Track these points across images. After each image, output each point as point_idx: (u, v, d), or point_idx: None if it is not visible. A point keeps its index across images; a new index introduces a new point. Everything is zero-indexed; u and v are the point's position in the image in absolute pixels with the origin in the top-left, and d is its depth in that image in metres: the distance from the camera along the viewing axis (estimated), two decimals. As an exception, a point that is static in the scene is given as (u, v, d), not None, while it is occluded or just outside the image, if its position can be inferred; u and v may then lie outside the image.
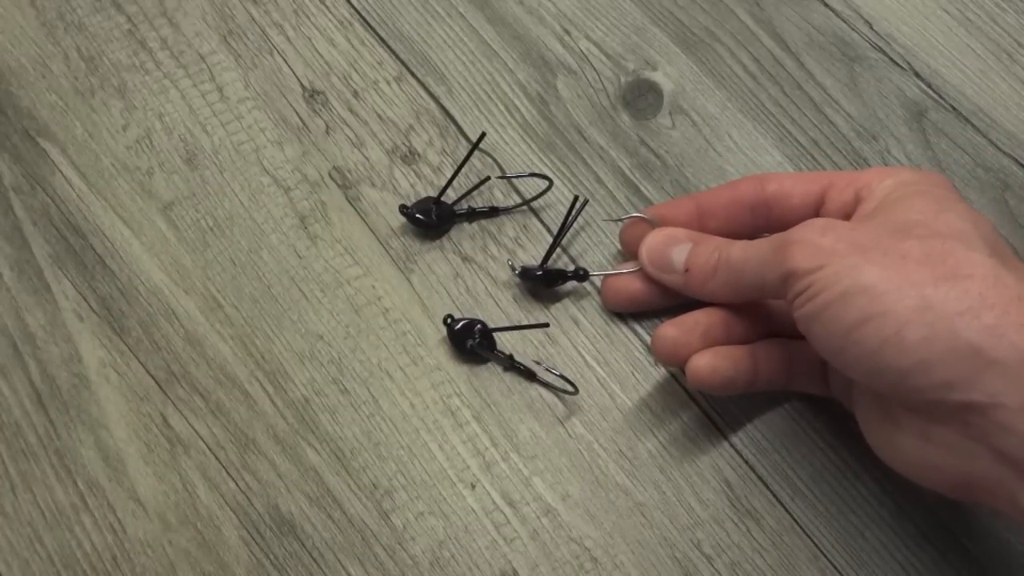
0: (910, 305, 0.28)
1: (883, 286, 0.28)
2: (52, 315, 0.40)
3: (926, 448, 0.30)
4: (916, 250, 0.29)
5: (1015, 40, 0.46)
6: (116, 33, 0.45)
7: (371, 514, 0.37)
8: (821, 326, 0.30)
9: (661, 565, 0.36)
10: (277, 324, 0.40)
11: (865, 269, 0.29)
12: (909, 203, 0.32)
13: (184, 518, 0.37)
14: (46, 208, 0.42)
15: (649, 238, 0.38)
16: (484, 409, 0.39)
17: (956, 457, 0.29)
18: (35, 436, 0.38)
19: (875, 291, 0.28)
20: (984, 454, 0.28)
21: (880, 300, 0.28)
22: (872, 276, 0.29)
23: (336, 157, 0.43)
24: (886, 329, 0.28)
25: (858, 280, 0.29)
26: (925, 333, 0.28)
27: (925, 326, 0.28)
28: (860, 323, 0.29)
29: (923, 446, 0.30)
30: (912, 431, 0.30)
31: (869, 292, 0.29)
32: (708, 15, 0.47)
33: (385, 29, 0.46)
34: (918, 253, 0.29)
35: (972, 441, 0.28)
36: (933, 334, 0.27)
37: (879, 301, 0.28)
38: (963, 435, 0.28)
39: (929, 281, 0.28)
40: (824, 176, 0.36)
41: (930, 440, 0.29)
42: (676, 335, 0.35)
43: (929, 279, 0.28)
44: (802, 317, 0.31)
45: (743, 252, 0.34)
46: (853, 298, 0.29)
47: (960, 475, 0.29)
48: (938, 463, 0.30)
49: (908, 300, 0.28)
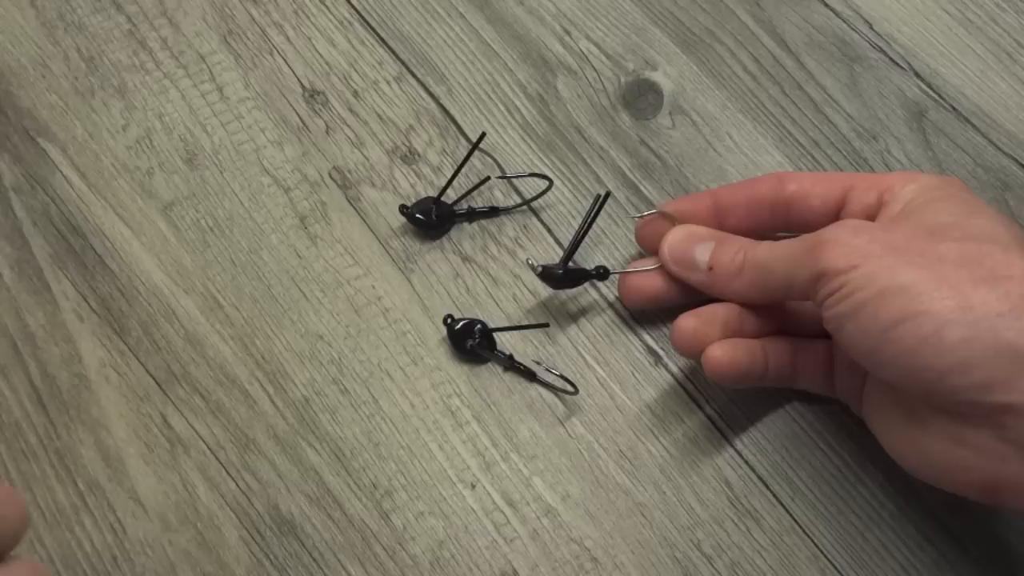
0: (950, 305, 0.28)
1: (921, 286, 0.28)
2: (52, 315, 0.40)
3: (956, 451, 0.29)
4: (953, 252, 0.29)
5: (1015, 40, 0.46)
6: (116, 33, 0.45)
7: (371, 514, 0.37)
8: (855, 325, 0.30)
9: (661, 565, 0.36)
10: (277, 324, 0.40)
11: (902, 269, 0.29)
12: (939, 206, 0.32)
13: (184, 518, 0.37)
14: (46, 208, 0.42)
15: (671, 235, 0.38)
16: (484, 409, 0.39)
17: (987, 459, 0.29)
18: (35, 436, 0.38)
19: (914, 291, 0.28)
20: (1017, 456, 0.28)
21: (919, 300, 0.28)
22: (910, 276, 0.29)
23: (336, 157, 0.43)
24: (925, 328, 0.28)
25: (895, 280, 0.29)
26: (965, 333, 0.28)
27: (966, 326, 0.28)
28: (897, 322, 0.29)
29: (952, 448, 0.30)
30: (941, 434, 0.30)
31: (908, 292, 0.28)
32: (708, 15, 0.47)
33: (385, 29, 0.46)
34: (955, 255, 0.29)
35: (1005, 444, 0.28)
36: (974, 334, 0.27)
37: (918, 301, 0.28)
38: (997, 437, 0.28)
39: (968, 282, 0.28)
40: (845, 178, 0.36)
41: (961, 443, 0.29)
42: (696, 325, 0.35)
43: (968, 280, 0.28)
44: (834, 317, 0.31)
45: (770, 252, 0.34)
46: (891, 298, 0.29)
47: (990, 477, 0.29)
48: (968, 465, 0.29)
49: (948, 300, 0.28)
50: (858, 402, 0.35)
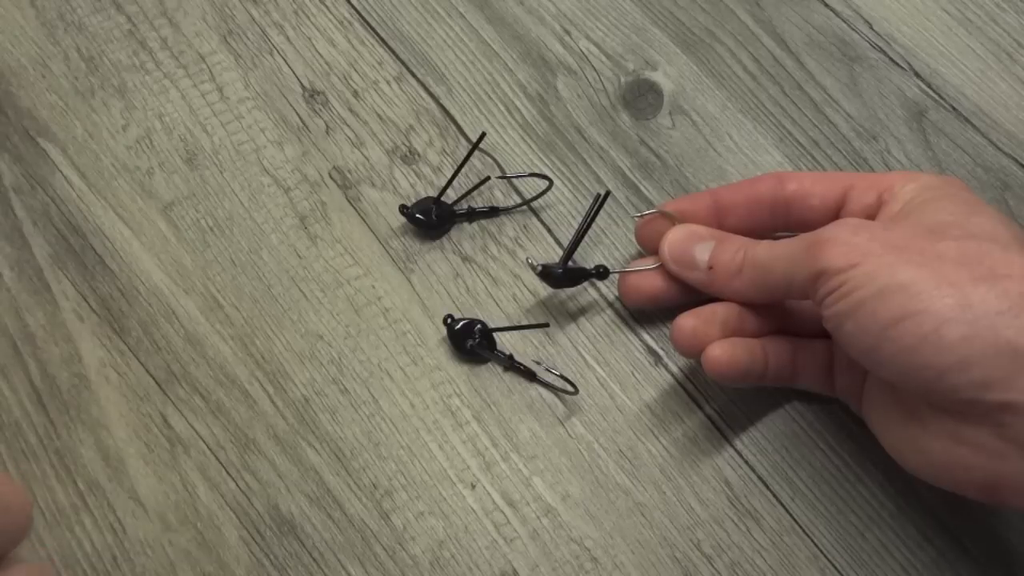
0: (949, 304, 0.28)
1: (921, 284, 0.29)
2: (52, 315, 0.40)
3: (955, 449, 0.29)
4: (952, 251, 0.29)
5: (1015, 40, 0.46)
6: (116, 33, 0.45)
7: (371, 514, 0.37)
8: (854, 323, 0.30)
9: (661, 565, 0.36)
10: (277, 324, 0.40)
11: (901, 268, 0.29)
12: (938, 205, 0.32)
13: (184, 518, 0.37)
14: (46, 208, 0.42)
15: (671, 235, 0.38)
16: (484, 409, 0.39)
17: (987, 458, 0.29)
18: (35, 436, 0.38)
19: (913, 289, 0.29)
20: (1016, 454, 0.28)
21: (918, 298, 0.28)
22: (909, 274, 0.29)
23: (336, 157, 0.43)
24: (925, 327, 0.28)
25: (895, 278, 0.29)
26: (965, 331, 0.28)
27: (965, 324, 0.28)
28: (897, 321, 0.29)
29: (952, 447, 0.30)
30: (940, 432, 0.30)
31: (907, 290, 0.29)
32: (708, 15, 0.47)
33: (385, 29, 0.46)
34: (955, 253, 0.29)
35: (1005, 442, 0.28)
36: (973, 332, 0.28)
37: (917, 299, 0.28)
38: (996, 436, 0.28)
39: (968, 281, 0.28)
40: (844, 177, 0.36)
41: (960, 441, 0.29)
42: (696, 324, 0.35)
43: (967, 279, 0.28)
44: (833, 315, 0.31)
45: (770, 251, 0.34)
46: (890, 296, 0.29)
47: (989, 476, 0.29)
48: (967, 464, 0.29)
49: (947, 299, 0.28)
50: (858, 401, 0.35)
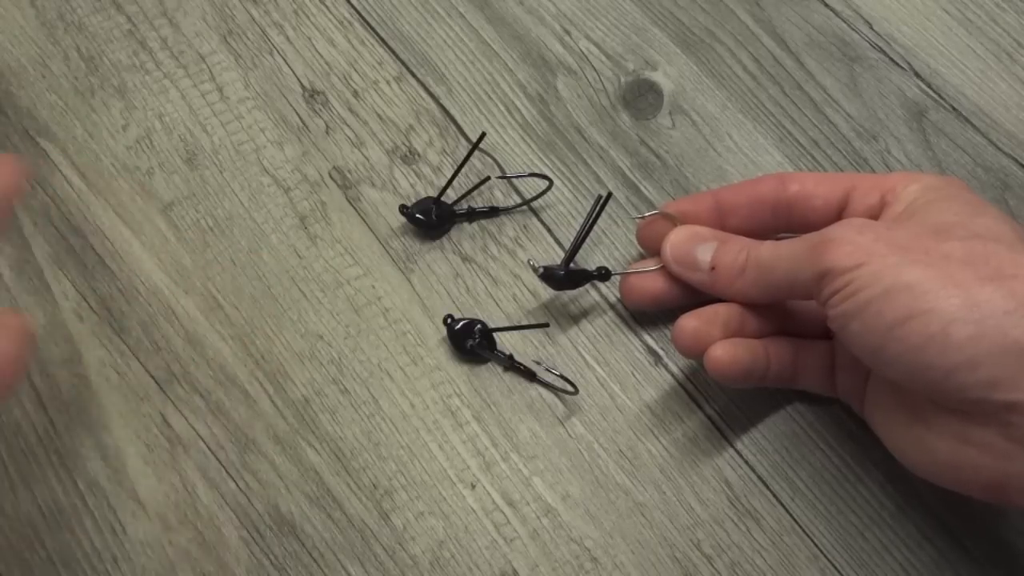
0: (956, 303, 0.28)
1: (927, 284, 0.28)
2: (52, 315, 0.40)
3: (961, 449, 0.29)
4: (958, 251, 0.29)
5: (1015, 40, 0.46)
6: (116, 33, 0.45)
7: (371, 514, 0.37)
8: (860, 323, 0.30)
9: (661, 565, 0.36)
10: (277, 324, 0.40)
11: (907, 268, 0.29)
12: (943, 206, 0.32)
13: (184, 518, 0.37)
14: (46, 208, 0.42)
15: (673, 235, 0.38)
16: (484, 409, 0.39)
17: (993, 458, 0.29)
18: (35, 436, 0.38)
19: (919, 289, 0.28)
20: (1023, 454, 0.28)
21: (925, 298, 0.28)
22: (915, 274, 0.29)
23: (336, 157, 0.43)
24: (932, 326, 0.28)
25: (901, 278, 0.29)
26: (972, 331, 0.28)
27: (972, 324, 0.28)
28: (903, 320, 0.29)
29: (958, 447, 0.30)
30: (946, 432, 0.30)
31: (913, 290, 0.29)
32: (708, 15, 0.47)
33: (385, 29, 0.46)
34: (961, 253, 0.29)
35: (1012, 442, 0.28)
36: (980, 332, 0.28)
37: (924, 299, 0.28)
38: (1003, 435, 0.28)
39: (974, 280, 0.28)
40: (847, 178, 0.36)
41: (966, 441, 0.29)
42: (697, 325, 0.35)
43: (974, 279, 0.28)
44: (838, 315, 0.31)
45: (773, 251, 0.34)
46: (896, 295, 0.29)
47: (995, 476, 0.29)
48: (974, 464, 0.29)
49: (954, 298, 0.28)
50: (860, 402, 0.35)
